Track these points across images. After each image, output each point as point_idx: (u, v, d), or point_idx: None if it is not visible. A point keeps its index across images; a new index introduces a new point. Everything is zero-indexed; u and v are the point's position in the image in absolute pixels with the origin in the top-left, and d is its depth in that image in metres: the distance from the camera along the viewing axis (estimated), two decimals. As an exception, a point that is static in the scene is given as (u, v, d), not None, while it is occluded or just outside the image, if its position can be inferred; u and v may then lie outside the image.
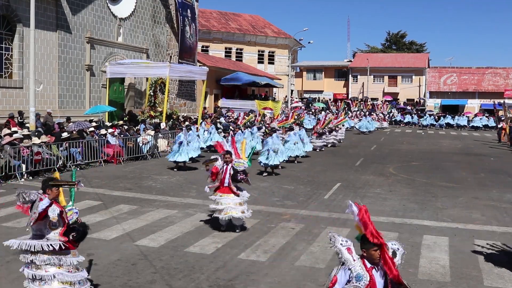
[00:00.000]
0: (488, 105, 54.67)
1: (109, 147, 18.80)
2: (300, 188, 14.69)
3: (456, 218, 11.46)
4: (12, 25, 21.03)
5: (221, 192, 9.82)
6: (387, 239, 9.70)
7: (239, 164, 9.91)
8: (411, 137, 36.45)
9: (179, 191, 13.90)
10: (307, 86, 64.54)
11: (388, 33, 78.18)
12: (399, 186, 15.50)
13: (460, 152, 26.65)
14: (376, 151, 25.93)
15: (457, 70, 60.89)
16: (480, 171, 19.24)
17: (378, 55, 67.26)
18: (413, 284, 7.38)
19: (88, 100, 24.90)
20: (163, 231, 9.73)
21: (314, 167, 19.20)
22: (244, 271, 7.65)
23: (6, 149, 14.57)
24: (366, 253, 4.49)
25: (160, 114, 26.00)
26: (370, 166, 19.71)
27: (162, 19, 30.94)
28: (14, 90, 21.09)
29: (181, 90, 33.26)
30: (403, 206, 12.56)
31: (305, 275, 7.57)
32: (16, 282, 6.97)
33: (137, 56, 28.52)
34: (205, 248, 8.77)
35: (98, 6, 25.43)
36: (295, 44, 57.42)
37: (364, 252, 4.51)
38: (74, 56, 23.91)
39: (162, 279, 7.23)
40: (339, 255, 4.54)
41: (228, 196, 9.74)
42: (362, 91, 61.17)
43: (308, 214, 11.46)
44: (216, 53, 50.98)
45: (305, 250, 8.79)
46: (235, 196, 9.76)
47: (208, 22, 51.95)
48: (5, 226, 9.86)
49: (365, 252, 4.50)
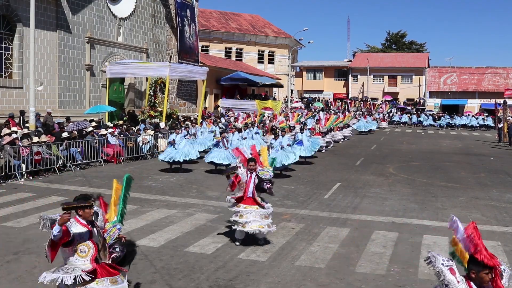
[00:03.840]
0: (488, 105, 54.69)
1: (109, 147, 18.80)
2: (300, 188, 14.69)
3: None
4: (12, 25, 21.03)
5: (245, 204, 8.89)
6: (387, 239, 9.75)
7: (263, 173, 9.03)
8: (411, 137, 36.44)
9: (179, 191, 13.90)
10: (307, 86, 64.55)
11: (388, 33, 78.38)
12: (399, 186, 15.50)
13: (460, 152, 26.64)
14: (376, 151, 25.93)
15: (457, 70, 60.90)
16: (480, 171, 19.23)
17: (378, 55, 67.27)
18: (413, 284, 7.39)
19: (88, 100, 24.90)
20: (163, 231, 9.73)
21: (314, 167, 19.20)
22: (244, 271, 7.65)
23: (6, 149, 14.57)
24: (475, 275, 4.07)
25: (160, 114, 26.00)
26: (370, 166, 19.71)
27: (162, 19, 30.94)
28: (14, 90, 21.10)
29: (181, 90, 33.26)
30: (403, 206, 12.56)
31: (305, 275, 7.57)
32: (16, 282, 6.98)
33: (137, 56, 28.52)
34: (205, 248, 8.76)
35: (98, 6, 25.43)
36: (295, 44, 57.42)
37: (472, 274, 4.10)
38: (74, 56, 23.91)
39: (162, 279, 7.23)
40: (441, 276, 4.14)
41: (252, 208, 8.85)
42: (362, 91, 61.18)
43: (308, 214, 11.46)
44: (216, 53, 50.98)
45: (305, 250, 8.79)
46: (260, 207, 8.89)
47: (208, 22, 51.95)
48: (5, 226, 9.86)
49: (474, 274, 4.08)
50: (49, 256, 4.92)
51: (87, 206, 5.01)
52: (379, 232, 10.04)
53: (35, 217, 10.46)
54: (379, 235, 9.79)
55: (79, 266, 4.96)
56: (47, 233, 8.54)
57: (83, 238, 4.98)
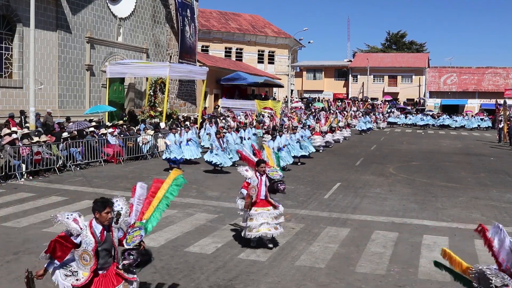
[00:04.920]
0: (488, 105, 54.70)
1: (109, 147, 18.80)
2: (300, 188, 14.68)
3: (456, 218, 11.46)
4: (12, 25, 21.03)
5: (257, 207, 8.69)
6: (387, 239, 9.73)
7: (273, 173, 8.88)
8: (411, 137, 36.44)
9: (179, 191, 13.83)
10: (307, 86, 64.56)
11: (388, 33, 78.37)
12: (399, 186, 15.50)
13: (460, 152, 26.64)
14: (376, 151, 25.93)
15: (457, 70, 60.91)
16: (480, 171, 19.23)
17: (378, 55, 67.28)
18: (413, 284, 7.38)
19: (88, 100, 24.90)
20: (163, 231, 9.72)
21: (314, 167, 19.20)
22: (244, 271, 7.65)
23: (6, 149, 14.57)
24: None
25: (160, 114, 26.01)
26: (370, 166, 19.71)
27: (162, 19, 30.94)
28: (14, 90, 21.09)
29: (181, 90, 33.26)
30: (403, 206, 12.56)
31: (305, 275, 7.57)
32: (16, 282, 6.97)
33: (137, 56, 28.52)
34: (205, 248, 8.76)
35: (98, 6, 25.43)
36: (295, 44, 57.43)
37: None
38: (74, 56, 23.91)
39: (162, 279, 7.23)
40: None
41: (263, 210, 8.68)
42: (362, 91, 61.18)
43: (308, 214, 11.46)
44: (216, 53, 50.98)
45: (305, 250, 8.79)
46: (274, 208, 8.76)
47: (208, 22, 51.95)
48: (5, 226, 9.85)
49: None
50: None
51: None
52: (379, 232, 10.04)
53: (35, 217, 10.47)
54: (379, 235, 9.79)
55: (79, 274, 4.99)
56: (47, 233, 8.57)
57: (88, 247, 4.97)
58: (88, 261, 4.95)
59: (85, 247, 4.93)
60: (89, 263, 4.96)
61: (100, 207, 4.97)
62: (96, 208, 4.99)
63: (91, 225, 5.01)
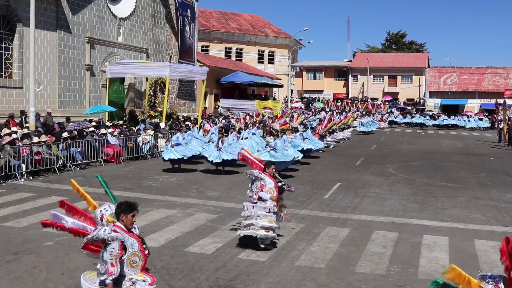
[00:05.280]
0: (488, 105, 54.70)
1: (109, 147, 18.80)
2: (300, 188, 14.68)
3: (456, 218, 11.46)
4: (12, 25, 21.02)
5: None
6: (387, 239, 9.74)
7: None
8: (411, 137, 36.45)
9: (179, 191, 13.89)
10: (307, 86, 64.56)
11: (388, 33, 78.36)
12: (399, 186, 15.50)
13: (460, 152, 26.64)
14: (376, 151, 25.94)
15: (457, 70, 60.91)
16: (480, 171, 19.23)
17: (378, 55, 67.28)
18: (413, 284, 7.38)
19: (88, 100, 24.89)
20: (163, 231, 9.72)
21: (314, 167, 19.20)
22: (244, 271, 7.65)
23: (6, 149, 14.57)
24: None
25: (160, 114, 26.00)
26: (370, 166, 19.71)
27: (162, 19, 30.94)
28: (14, 90, 21.09)
29: (181, 90, 33.26)
30: (403, 206, 12.56)
31: (305, 275, 7.57)
32: (16, 282, 6.97)
33: (137, 56, 28.52)
34: (205, 248, 8.76)
35: (98, 6, 25.42)
36: (295, 44, 57.43)
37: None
38: (74, 56, 23.91)
39: (162, 279, 7.23)
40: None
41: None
42: (362, 91, 61.18)
43: (308, 214, 11.46)
44: (216, 53, 50.99)
45: (305, 250, 8.79)
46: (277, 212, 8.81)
47: (208, 22, 51.95)
48: (5, 226, 9.85)
49: None
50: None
51: None
52: (379, 232, 10.04)
53: (35, 217, 10.46)
54: (379, 235, 9.79)
55: (134, 277, 4.92)
56: (47, 233, 8.55)
57: (134, 248, 4.92)
58: (137, 262, 4.92)
59: (131, 250, 4.89)
60: (139, 263, 4.94)
61: (126, 210, 4.93)
62: (122, 211, 4.94)
63: (121, 228, 4.92)
